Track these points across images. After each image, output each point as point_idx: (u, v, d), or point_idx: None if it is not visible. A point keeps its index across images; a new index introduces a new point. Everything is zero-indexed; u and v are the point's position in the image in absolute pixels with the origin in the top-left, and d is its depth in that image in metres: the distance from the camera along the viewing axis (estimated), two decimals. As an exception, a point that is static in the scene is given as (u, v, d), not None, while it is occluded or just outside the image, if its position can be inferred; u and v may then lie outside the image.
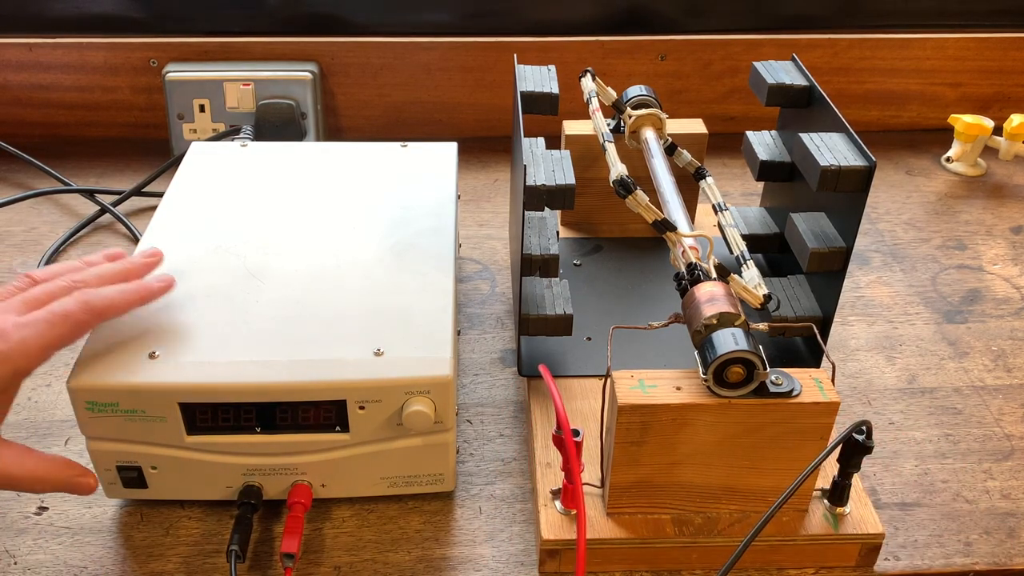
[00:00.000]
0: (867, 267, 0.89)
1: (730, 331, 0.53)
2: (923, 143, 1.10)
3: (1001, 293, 0.85)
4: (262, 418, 0.57)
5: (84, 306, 0.54)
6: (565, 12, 1.05)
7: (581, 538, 0.52)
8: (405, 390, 0.57)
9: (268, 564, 0.59)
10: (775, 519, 0.51)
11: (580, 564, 0.52)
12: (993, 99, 1.12)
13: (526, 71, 0.75)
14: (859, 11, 1.08)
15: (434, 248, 0.68)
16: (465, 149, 0.86)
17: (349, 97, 1.05)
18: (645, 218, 0.62)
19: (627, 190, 0.61)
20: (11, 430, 0.68)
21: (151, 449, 0.58)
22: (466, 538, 0.61)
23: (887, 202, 0.99)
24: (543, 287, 0.69)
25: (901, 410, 0.72)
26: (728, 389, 0.53)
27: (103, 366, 0.56)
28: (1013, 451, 0.68)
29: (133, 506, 0.62)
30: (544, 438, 0.64)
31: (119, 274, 0.59)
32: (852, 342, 0.79)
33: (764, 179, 0.75)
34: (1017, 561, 0.60)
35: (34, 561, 0.59)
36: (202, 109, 1.00)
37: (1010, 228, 0.95)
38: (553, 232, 0.69)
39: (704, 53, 1.06)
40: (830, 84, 1.08)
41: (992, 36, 1.08)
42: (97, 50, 1.01)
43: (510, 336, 0.78)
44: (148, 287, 0.59)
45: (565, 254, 0.83)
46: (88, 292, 0.55)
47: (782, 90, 0.72)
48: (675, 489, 0.58)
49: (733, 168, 1.02)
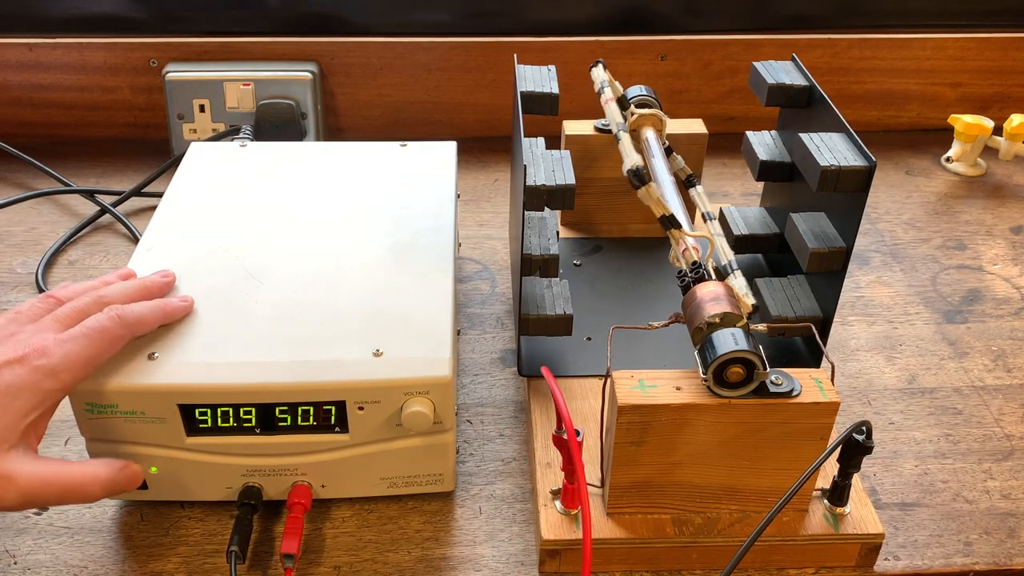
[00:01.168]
0: (867, 267, 0.89)
1: (730, 331, 0.53)
2: (923, 143, 1.10)
3: (1001, 293, 0.85)
4: (262, 419, 0.57)
5: (119, 321, 0.54)
6: (565, 12, 1.05)
7: (587, 538, 0.52)
8: (404, 390, 0.57)
9: (268, 564, 0.59)
10: (775, 519, 0.51)
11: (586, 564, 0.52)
12: (993, 99, 1.12)
13: (526, 71, 0.75)
14: (859, 11, 1.08)
15: (434, 248, 0.68)
16: (465, 149, 0.86)
17: (349, 97, 1.05)
18: (654, 212, 0.61)
19: (641, 181, 0.61)
20: (11, 430, 0.68)
21: (151, 450, 0.58)
22: (466, 538, 0.61)
23: (887, 202, 0.99)
24: (543, 287, 0.69)
25: (901, 410, 0.72)
26: (728, 389, 0.53)
27: (102, 367, 0.56)
28: (1013, 451, 0.68)
29: (133, 506, 0.62)
30: (544, 438, 0.64)
31: (141, 291, 0.60)
32: (852, 342, 0.79)
33: (764, 179, 0.75)
34: (1017, 561, 0.60)
35: (34, 561, 0.59)
36: (202, 109, 1.00)
37: (1010, 228, 0.95)
38: (553, 232, 0.69)
39: (704, 53, 1.05)
40: (830, 84, 1.08)
41: (992, 36, 1.08)
42: (97, 50, 1.01)
43: (510, 336, 0.78)
44: (172, 304, 0.59)
45: (565, 254, 0.83)
46: (119, 308, 0.55)
47: (782, 90, 0.72)
48: (675, 489, 0.58)
49: (733, 168, 1.02)
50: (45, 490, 0.50)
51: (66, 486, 0.52)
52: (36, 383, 0.50)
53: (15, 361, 0.50)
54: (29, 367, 0.50)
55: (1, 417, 0.49)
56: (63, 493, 0.52)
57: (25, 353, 0.51)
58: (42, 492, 0.50)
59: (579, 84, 1.05)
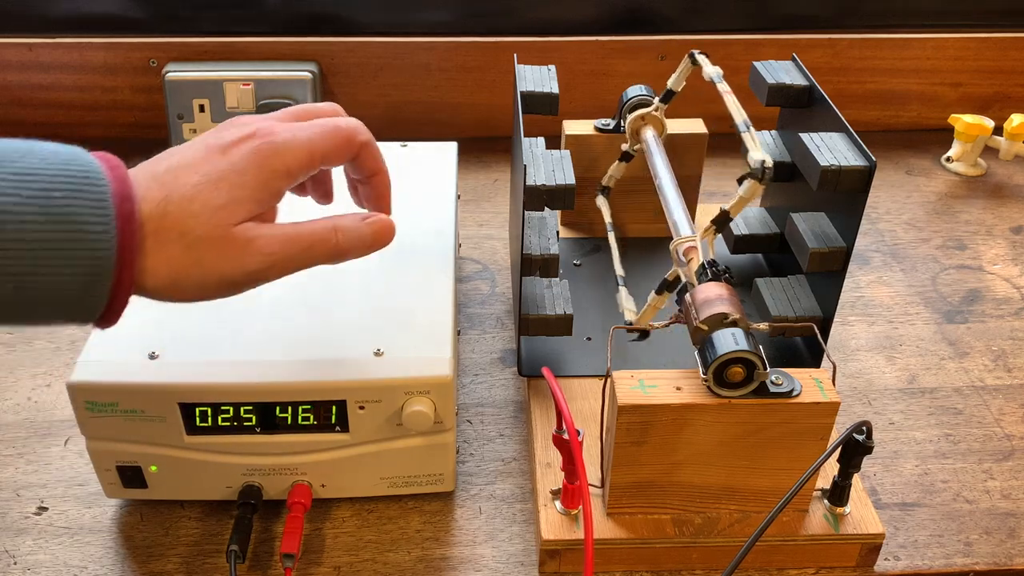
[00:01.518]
0: (867, 267, 0.89)
1: (730, 331, 0.53)
2: (923, 143, 1.10)
3: (1001, 293, 0.85)
4: (262, 418, 0.57)
5: (353, 128, 0.53)
6: (565, 12, 1.05)
7: (589, 538, 0.52)
8: (405, 390, 0.57)
9: (268, 564, 0.58)
10: (775, 519, 0.51)
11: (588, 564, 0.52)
12: (993, 99, 1.12)
13: (526, 71, 0.75)
14: (859, 11, 1.08)
15: (434, 248, 0.68)
16: (465, 149, 0.86)
17: (349, 97, 1.05)
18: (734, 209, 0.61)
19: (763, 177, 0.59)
20: (10, 430, 0.68)
21: (151, 449, 0.58)
22: (466, 538, 0.61)
23: (887, 202, 0.99)
24: (543, 287, 0.69)
25: (901, 410, 0.72)
26: (728, 389, 0.53)
27: (103, 366, 0.56)
28: (1013, 451, 0.68)
29: (133, 506, 0.62)
30: (544, 438, 0.64)
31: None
32: (852, 342, 0.79)
33: (764, 179, 0.75)
34: (1017, 561, 0.60)
35: (34, 561, 0.59)
36: (202, 109, 1.00)
37: (1010, 228, 0.95)
38: (553, 232, 0.69)
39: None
40: (830, 84, 1.08)
41: (992, 36, 1.08)
42: (97, 50, 1.01)
43: (510, 336, 0.78)
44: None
45: (565, 254, 0.83)
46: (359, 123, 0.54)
47: (782, 90, 0.72)
48: (675, 489, 0.58)
49: (733, 168, 1.02)
50: (288, 248, 0.48)
51: (309, 241, 0.49)
52: (262, 161, 0.48)
53: (242, 139, 0.48)
54: (254, 144, 0.48)
55: (231, 191, 0.47)
56: (306, 249, 0.49)
57: (252, 132, 0.49)
58: (285, 251, 0.48)
59: (579, 84, 1.05)
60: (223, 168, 0.47)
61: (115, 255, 0.43)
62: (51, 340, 0.76)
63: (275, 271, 0.49)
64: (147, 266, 0.45)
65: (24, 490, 0.63)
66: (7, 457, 0.66)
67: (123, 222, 0.43)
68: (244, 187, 0.47)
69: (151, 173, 0.47)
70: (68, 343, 0.76)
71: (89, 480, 0.64)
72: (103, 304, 0.44)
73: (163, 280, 0.46)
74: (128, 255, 0.44)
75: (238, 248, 0.47)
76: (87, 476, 0.64)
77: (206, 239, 0.46)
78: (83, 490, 0.63)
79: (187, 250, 0.46)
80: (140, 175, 0.46)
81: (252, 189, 0.48)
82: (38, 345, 0.76)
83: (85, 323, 0.46)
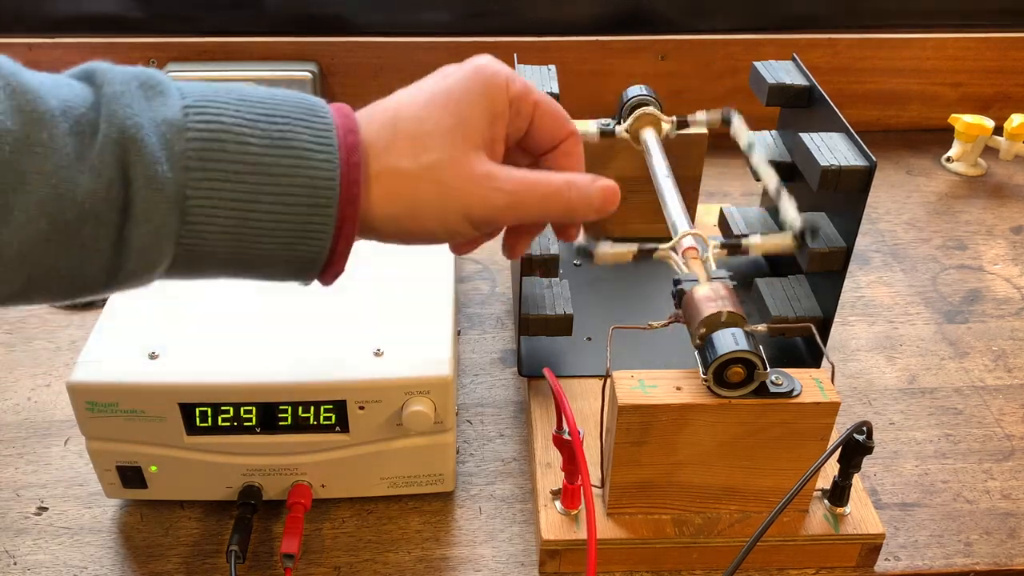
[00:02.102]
0: (867, 267, 0.88)
1: (730, 331, 0.53)
2: (923, 143, 1.10)
3: (1001, 293, 0.85)
4: (262, 418, 0.57)
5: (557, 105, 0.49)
6: (565, 12, 1.05)
7: (592, 539, 0.52)
8: (405, 390, 0.57)
9: (268, 564, 0.58)
10: (776, 519, 0.51)
11: (591, 565, 0.52)
12: (993, 99, 1.12)
13: (526, 71, 0.75)
14: (859, 11, 1.08)
15: (434, 248, 0.67)
16: (465, 149, 0.86)
17: (349, 97, 1.05)
18: (755, 249, 0.62)
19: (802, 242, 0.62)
20: (10, 430, 0.68)
21: (151, 449, 0.58)
22: (466, 538, 0.61)
23: (887, 202, 0.99)
24: (543, 287, 0.69)
25: (901, 410, 0.72)
26: (728, 389, 0.53)
27: (103, 366, 0.56)
28: (1013, 451, 0.68)
29: (133, 506, 0.62)
30: (544, 438, 0.64)
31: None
32: (852, 342, 0.79)
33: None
34: (1018, 561, 0.60)
35: (34, 561, 0.59)
36: (202, 109, 1.00)
37: (1010, 228, 0.95)
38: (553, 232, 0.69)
39: (704, 53, 1.05)
40: (830, 84, 1.07)
41: (992, 36, 1.08)
42: (97, 50, 1.01)
43: (510, 336, 0.78)
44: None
45: (565, 254, 0.83)
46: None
47: (782, 90, 0.72)
48: (675, 489, 0.58)
49: (733, 168, 1.02)
50: (529, 194, 0.45)
51: (545, 190, 0.46)
52: (487, 78, 0.45)
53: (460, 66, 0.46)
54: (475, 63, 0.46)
55: (458, 109, 0.44)
56: (542, 199, 0.46)
57: (479, 65, 0.46)
58: (526, 195, 0.45)
59: (579, 84, 1.05)
60: (448, 85, 0.45)
61: (339, 185, 0.41)
62: (51, 340, 0.76)
63: (510, 214, 0.45)
64: (379, 194, 0.42)
65: (24, 490, 0.63)
66: (7, 457, 0.66)
67: (347, 152, 0.41)
68: (472, 105, 0.44)
69: (376, 105, 0.45)
70: (68, 343, 0.76)
71: (89, 480, 0.64)
72: (327, 243, 0.41)
73: (399, 207, 0.43)
74: (352, 190, 0.41)
75: (479, 178, 0.44)
76: (87, 476, 0.64)
77: (445, 161, 0.43)
78: (83, 490, 0.63)
79: (424, 172, 0.43)
80: (365, 109, 0.45)
81: (480, 108, 0.45)
82: (38, 345, 0.76)
83: (309, 271, 0.43)
